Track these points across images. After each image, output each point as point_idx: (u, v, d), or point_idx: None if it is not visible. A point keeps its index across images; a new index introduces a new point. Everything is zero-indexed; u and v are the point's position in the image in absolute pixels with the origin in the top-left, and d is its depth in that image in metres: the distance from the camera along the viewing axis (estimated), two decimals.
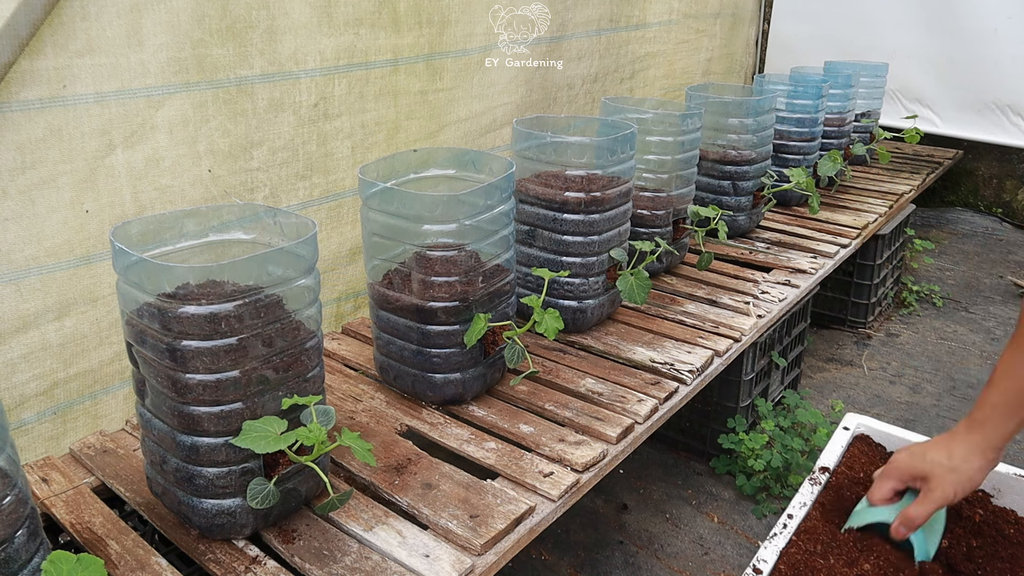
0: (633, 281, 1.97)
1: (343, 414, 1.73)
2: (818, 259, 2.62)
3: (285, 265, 1.27)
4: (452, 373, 1.69)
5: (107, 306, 1.67)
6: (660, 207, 2.37)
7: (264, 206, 1.46)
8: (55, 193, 1.54)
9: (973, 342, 3.23)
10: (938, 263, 4.03)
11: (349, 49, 2.01)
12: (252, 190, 1.89)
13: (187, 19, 1.66)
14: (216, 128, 1.77)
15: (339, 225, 2.13)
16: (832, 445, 1.65)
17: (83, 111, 1.54)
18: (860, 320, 3.32)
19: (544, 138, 2.02)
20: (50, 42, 1.46)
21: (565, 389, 1.81)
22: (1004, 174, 4.44)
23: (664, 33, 3.44)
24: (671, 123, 2.34)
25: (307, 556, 1.30)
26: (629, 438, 1.65)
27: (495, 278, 1.70)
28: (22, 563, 1.07)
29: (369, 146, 2.14)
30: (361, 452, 1.26)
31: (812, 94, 3.13)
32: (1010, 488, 1.48)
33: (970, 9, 3.94)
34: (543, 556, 2.06)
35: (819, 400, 2.81)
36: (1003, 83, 3.97)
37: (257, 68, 1.82)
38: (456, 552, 1.30)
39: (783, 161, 3.14)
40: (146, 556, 1.31)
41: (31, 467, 1.57)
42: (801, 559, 1.30)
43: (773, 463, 2.25)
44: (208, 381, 1.21)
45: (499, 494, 1.44)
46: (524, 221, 2.02)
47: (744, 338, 2.09)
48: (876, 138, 3.74)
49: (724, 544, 2.11)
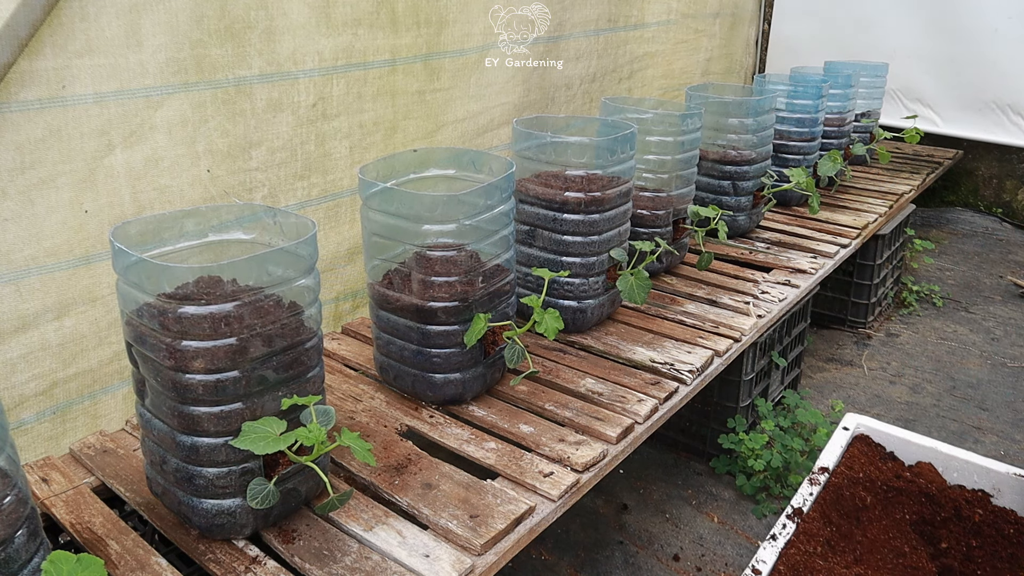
0: (633, 281, 1.97)
1: (343, 414, 1.73)
2: (818, 259, 2.62)
3: (285, 265, 1.27)
4: (452, 373, 1.69)
5: (106, 306, 1.67)
6: (660, 207, 2.37)
7: (263, 206, 1.46)
8: (54, 193, 1.54)
9: (973, 342, 3.23)
10: (938, 263, 4.03)
11: (347, 49, 2.01)
12: (251, 190, 1.89)
13: (186, 19, 1.66)
14: (215, 128, 1.77)
15: (337, 225, 2.13)
16: (832, 445, 1.65)
17: (82, 111, 1.54)
18: (860, 320, 3.32)
19: (544, 138, 2.02)
20: (49, 43, 1.46)
21: (565, 389, 1.81)
22: (1004, 174, 4.44)
23: (662, 33, 3.44)
24: (671, 123, 2.34)
25: (307, 556, 1.30)
26: (629, 438, 1.65)
27: (495, 278, 1.70)
28: (22, 563, 1.07)
29: (367, 146, 2.14)
30: (361, 452, 1.26)
31: (812, 94, 3.13)
32: (1010, 488, 1.49)
33: (970, 9, 3.94)
34: (543, 556, 2.06)
35: (819, 400, 2.81)
36: (1003, 83, 3.97)
37: (256, 68, 1.82)
38: (456, 552, 1.30)
39: (783, 161, 3.14)
40: (146, 556, 1.31)
41: (31, 467, 1.57)
42: (800, 559, 1.30)
43: (773, 463, 2.25)
44: (208, 381, 1.21)
45: (499, 494, 1.44)
46: (524, 221, 2.02)
47: (744, 338, 2.09)
48: (876, 138, 3.74)
49: (724, 544, 2.11)
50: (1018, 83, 3.93)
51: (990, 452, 2.50)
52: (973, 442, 2.56)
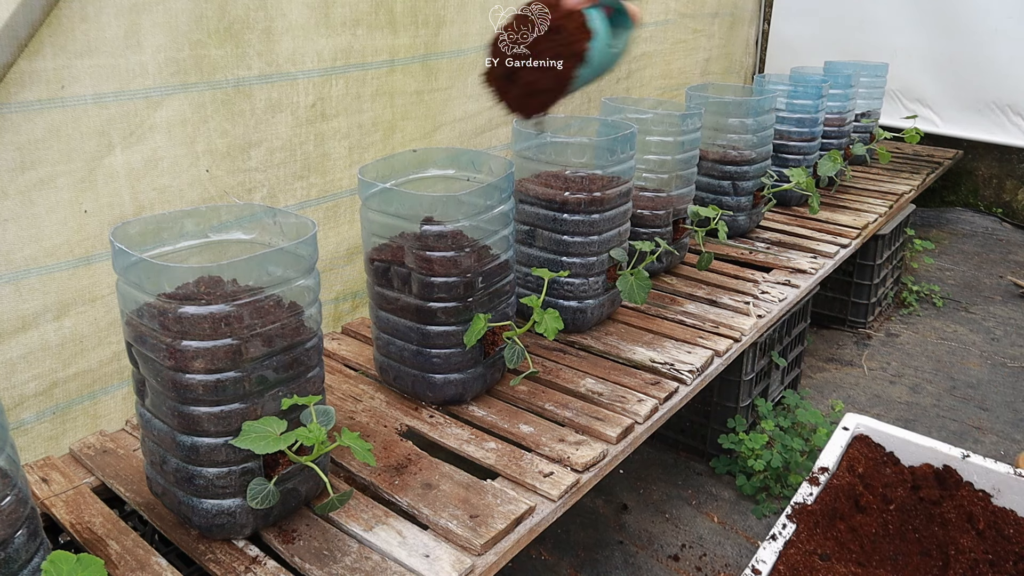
0: (633, 281, 1.97)
1: (343, 414, 1.73)
2: (818, 259, 2.62)
3: (285, 265, 1.27)
4: (452, 373, 1.69)
5: (106, 306, 1.67)
6: (660, 207, 2.37)
7: (263, 206, 1.46)
8: (54, 193, 1.54)
9: (973, 342, 3.23)
10: (938, 263, 4.03)
11: (346, 50, 2.01)
12: (250, 190, 1.89)
13: (185, 20, 1.66)
14: (214, 128, 1.77)
15: (336, 225, 2.13)
16: (832, 445, 1.65)
17: (82, 112, 1.54)
18: (860, 320, 3.32)
19: (544, 138, 2.02)
20: (49, 43, 1.46)
21: (565, 389, 1.81)
22: (1004, 174, 4.44)
23: (660, 33, 3.44)
24: (671, 123, 2.34)
25: (307, 556, 1.30)
26: (629, 438, 1.65)
27: (495, 278, 1.70)
28: (22, 563, 1.07)
29: (366, 146, 2.14)
30: (361, 452, 1.26)
31: (812, 94, 3.13)
32: (1010, 488, 1.49)
33: (970, 9, 3.94)
34: (543, 556, 2.06)
35: (819, 400, 2.81)
36: (1003, 83, 3.97)
37: (255, 69, 1.82)
38: (456, 552, 1.30)
39: (783, 161, 3.14)
40: (146, 556, 1.31)
41: (31, 467, 1.57)
42: (800, 560, 1.30)
43: (773, 463, 2.25)
44: (208, 381, 1.21)
45: (499, 494, 1.44)
46: (524, 221, 2.02)
47: (744, 338, 2.09)
48: (876, 138, 3.74)
49: (724, 544, 2.11)
50: (1018, 83, 3.93)
51: (990, 452, 2.50)
52: (973, 442, 2.56)
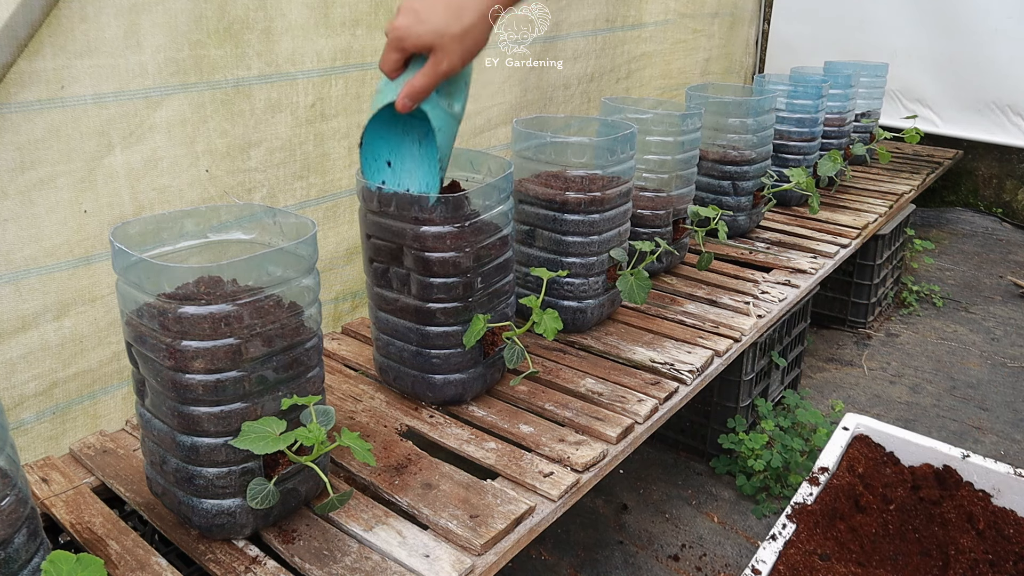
0: (633, 281, 1.97)
1: (343, 414, 1.73)
2: (818, 259, 2.62)
3: (285, 265, 1.27)
4: (452, 374, 1.69)
5: (106, 306, 1.67)
6: (660, 207, 2.37)
7: (263, 206, 1.46)
8: (54, 193, 1.54)
9: (973, 342, 3.23)
10: (938, 263, 4.03)
11: (346, 50, 2.01)
12: (250, 190, 1.89)
13: (185, 20, 1.66)
14: (214, 129, 1.77)
15: (336, 225, 2.13)
16: (832, 445, 1.65)
17: (81, 112, 1.54)
18: (860, 320, 3.32)
19: (544, 138, 2.02)
20: (48, 43, 1.46)
21: (565, 389, 1.81)
22: (1004, 174, 4.44)
23: (660, 33, 3.44)
24: (671, 123, 2.33)
25: (307, 556, 1.30)
26: (629, 438, 1.65)
27: (494, 279, 1.70)
28: (22, 563, 1.07)
29: None
30: (361, 452, 1.26)
31: (812, 94, 3.13)
32: (1010, 488, 1.49)
33: (970, 9, 3.94)
34: (543, 556, 2.06)
35: (819, 400, 2.81)
36: (1003, 83, 3.97)
37: (255, 69, 1.82)
38: (456, 552, 1.30)
39: (783, 161, 3.14)
40: (146, 556, 1.31)
41: (31, 467, 1.57)
42: (800, 560, 1.30)
43: (773, 463, 2.25)
44: (208, 381, 1.21)
45: (499, 494, 1.44)
46: (524, 221, 2.02)
47: (744, 338, 2.09)
48: (876, 138, 3.74)
49: (724, 544, 2.11)
50: (1018, 83, 3.93)
51: (990, 452, 2.50)
52: (973, 442, 2.56)
